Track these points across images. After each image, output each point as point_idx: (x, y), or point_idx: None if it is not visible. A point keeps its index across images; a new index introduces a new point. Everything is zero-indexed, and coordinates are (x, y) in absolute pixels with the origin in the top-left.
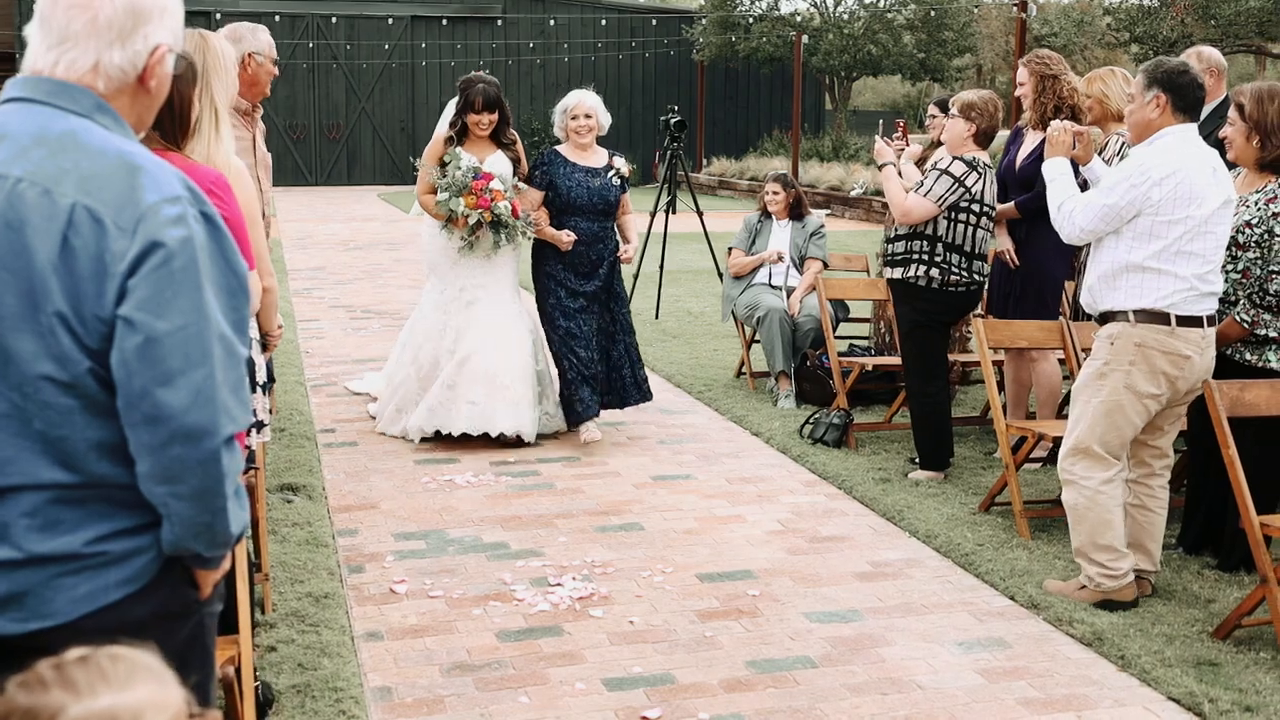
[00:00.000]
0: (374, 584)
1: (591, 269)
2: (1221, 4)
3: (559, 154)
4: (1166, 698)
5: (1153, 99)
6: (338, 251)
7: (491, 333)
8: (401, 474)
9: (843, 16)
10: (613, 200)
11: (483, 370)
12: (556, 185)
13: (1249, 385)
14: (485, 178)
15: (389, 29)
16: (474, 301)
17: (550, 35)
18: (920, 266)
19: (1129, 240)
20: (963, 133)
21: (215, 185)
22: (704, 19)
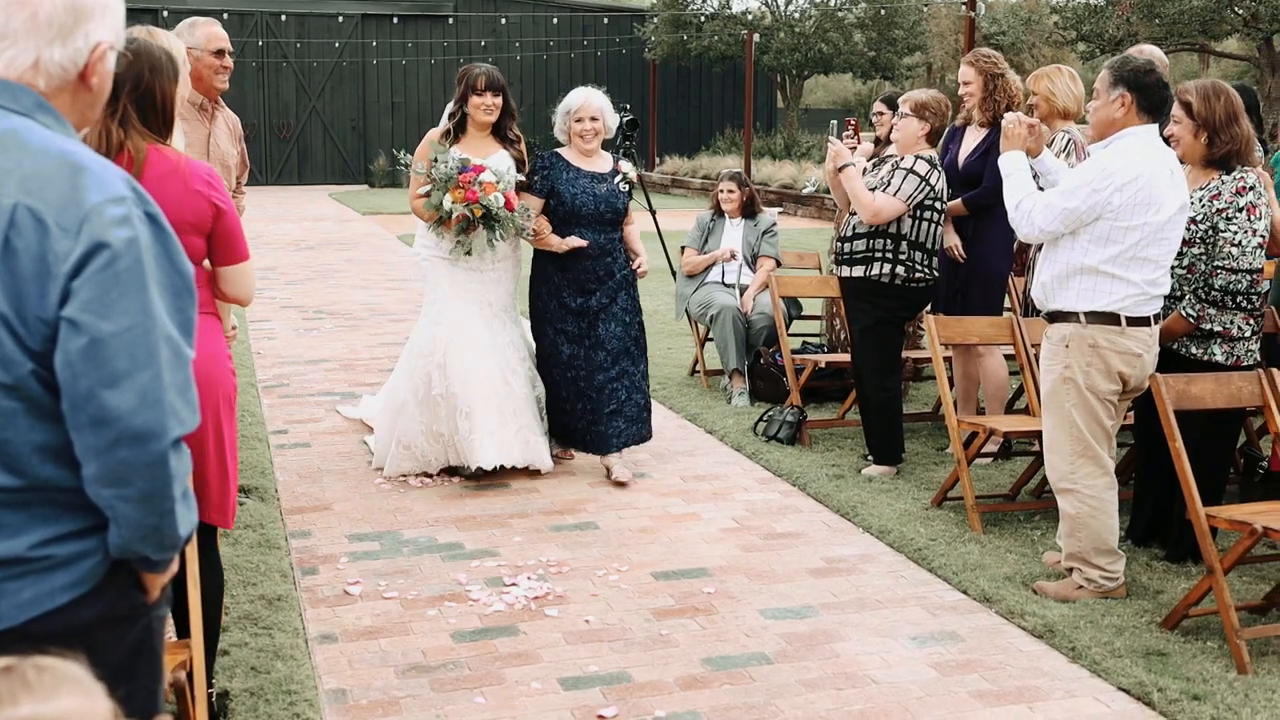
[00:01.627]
0: (328, 586)
1: (598, 284)
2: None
3: (560, 157)
4: (1116, 688)
5: (1118, 98)
6: (289, 251)
7: (492, 355)
8: (355, 475)
9: (794, 15)
10: (620, 208)
11: (494, 398)
12: (559, 192)
13: (1195, 379)
14: (475, 170)
15: (339, 26)
16: (471, 317)
17: (502, 33)
18: (884, 264)
19: (1085, 243)
20: (916, 132)
21: (211, 178)
22: (656, 17)
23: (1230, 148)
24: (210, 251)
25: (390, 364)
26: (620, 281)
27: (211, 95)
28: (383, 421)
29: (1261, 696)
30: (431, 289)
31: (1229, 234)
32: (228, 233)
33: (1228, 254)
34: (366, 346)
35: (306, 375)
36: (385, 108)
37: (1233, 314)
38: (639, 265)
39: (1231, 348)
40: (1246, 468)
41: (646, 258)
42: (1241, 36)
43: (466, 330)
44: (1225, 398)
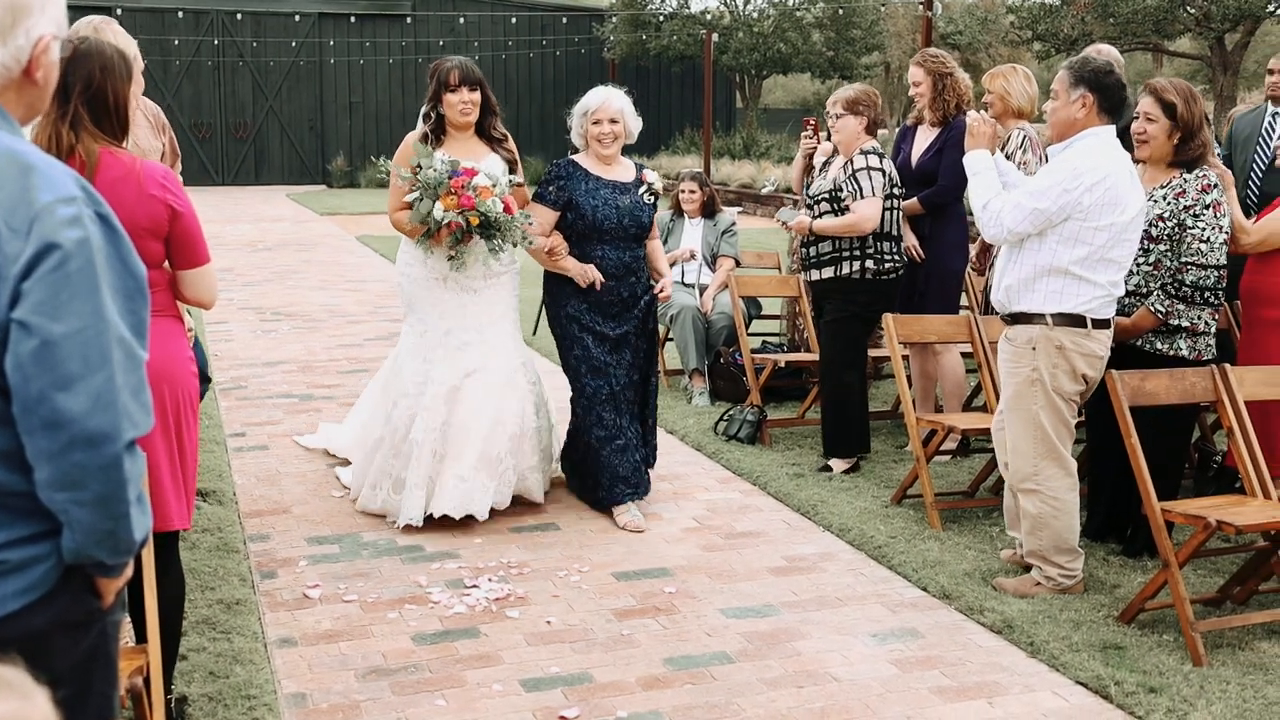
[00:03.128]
0: (287, 589)
1: (623, 309)
2: (1119, 2)
3: (578, 165)
4: (1074, 682)
5: (1079, 98)
6: (246, 253)
7: (490, 387)
8: (314, 478)
9: (752, 15)
10: (645, 222)
11: (475, 438)
12: (578, 204)
13: (1149, 375)
14: (467, 173)
15: (296, 26)
16: (464, 346)
17: (460, 33)
18: (854, 262)
19: (1053, 244)
20: (856, 129)
21: (167, 180)
22: (614, 17)
23: (1202, 150)
24: (169, 255)
25: (349, 365)
26: (645, 307)
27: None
28: (358, 456)
29: (1216, 688)
30: (418, 317)
31: (1197, 231)
32: (186, 235)
33: (1197, 250)
34: (325, 348)
35: (265, 377)
36: (343, 108)
37: (1200, 309)
38: (661, 288)
39: (1194, 342)
40: (1201, 462)
41: (671, 278)
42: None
43: (459, 367)
44: (1179, 393)
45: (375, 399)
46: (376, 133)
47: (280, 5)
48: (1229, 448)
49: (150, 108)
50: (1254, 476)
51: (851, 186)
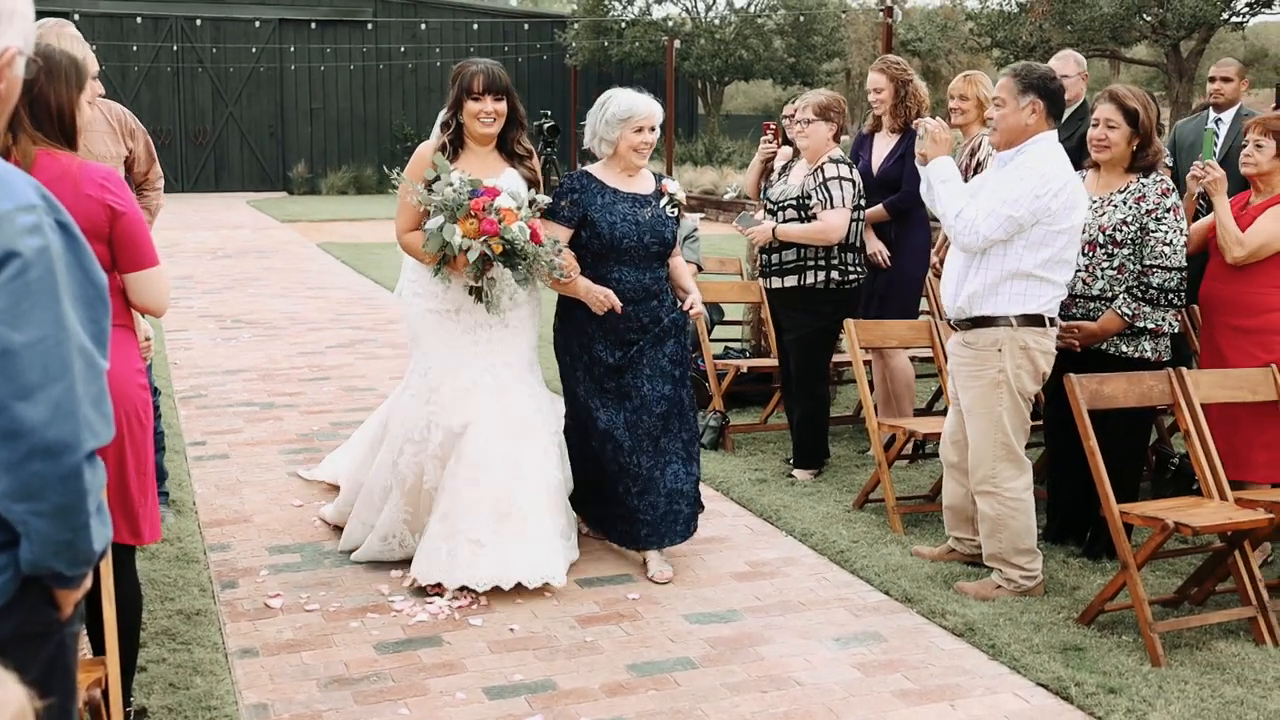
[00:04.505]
0: (248, 599)
1: (640, 333)
2: (1077, 9)
3: (593, 177)
4: (1035, 683)
5: (1029, 104)
6: (206, 260)
7: (503, 435)
8: (275, 486)
9: (714, 21)
10: (668, 238)
11: (491, 494)
12: (593, 220)
13: (1107, 379)
14: (488, 193)
15: (256, 32)
16: (474, 388)
17: (422, 39)
18: (819, 272)
19: (1019, 248)
20: (826, 135)
21: (107, 180)
22: (576, 24)
23: (1158, 156)
24: (113, 257)
25: (310, 373)
26: (668, 328)
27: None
28: (352, 500)
29: (1175, 688)
30: (424, 354)
31: (1160, 234)
32: (128, 237)
33: (1160, 253)
34: (286, 356)
35: (225, 385)
36: (304, 114)
37: (1165, 311)
38: (690, 306)
39: (1157, 343)
40: (1158, 465)
41: (699, 295)
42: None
43: (472, 412)
44: (1137, 397)
45: (374, 436)
46: (338, 139)
47: (240, 11)
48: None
49: (117, 113)
50: (1210, 478)
51: (822, 195)
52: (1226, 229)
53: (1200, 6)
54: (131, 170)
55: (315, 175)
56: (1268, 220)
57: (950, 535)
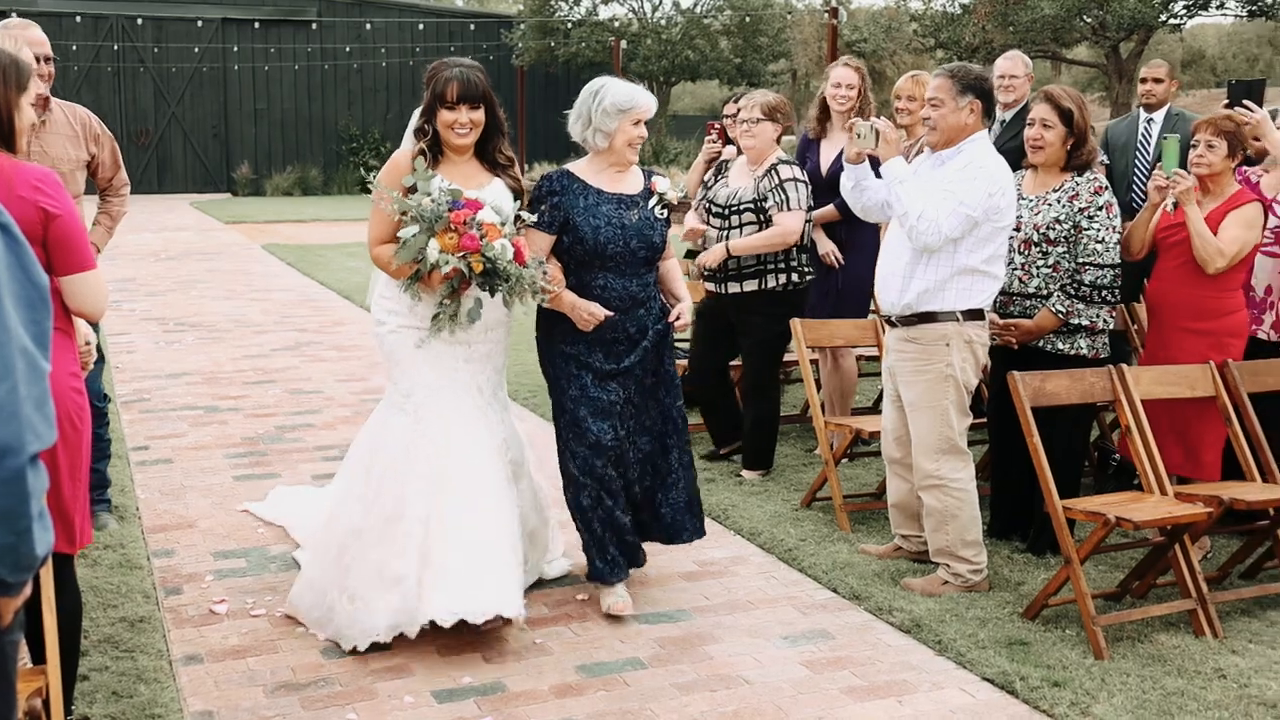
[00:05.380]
0: (193, 605)
1: (629, 346)
2: (1019, 11)
3: (574, 177)
4: (981, 678)
5: (968, 104)
6: (149, 262)
7: (480, 460)
8: (220, 491)
9: (660, 22)
10: (658, 242)
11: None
12: (575, 225)
13: (1050, 376)
14: (470, 205)
15: (199, 31)
16: (456, 408)
17: (367, 39)
18: (779, 275)
19: (968, 245)
20: (772, 135)
21: (42, 182)
22: (523, 24)
23: (1092, 155)
24: (48, 260)
25: (255, 376)
26: (655, 342)
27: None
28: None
29: (1117, 680)
30: (403, 374)
31: (1092, 231)
32: (63, 239)
33: (1093, 250)
34: (231, 359)
35: (168, 389)
36: (248, 115)
37: (1098, 308)
38: (676, 316)
39: (1093, 340)
40: (1100, 461)
41: (689, 304)
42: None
43: (459, 433)
44: (1079, 393)
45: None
46: (282, 140)
47: (182, 10)
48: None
49: (81, 116)
50: (1151, 473)
51: (779, 196)
52: (1207, 240)
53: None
54: (96, 175)
55: (260, 176)
56: (1236, 228)
57: (896, 533)
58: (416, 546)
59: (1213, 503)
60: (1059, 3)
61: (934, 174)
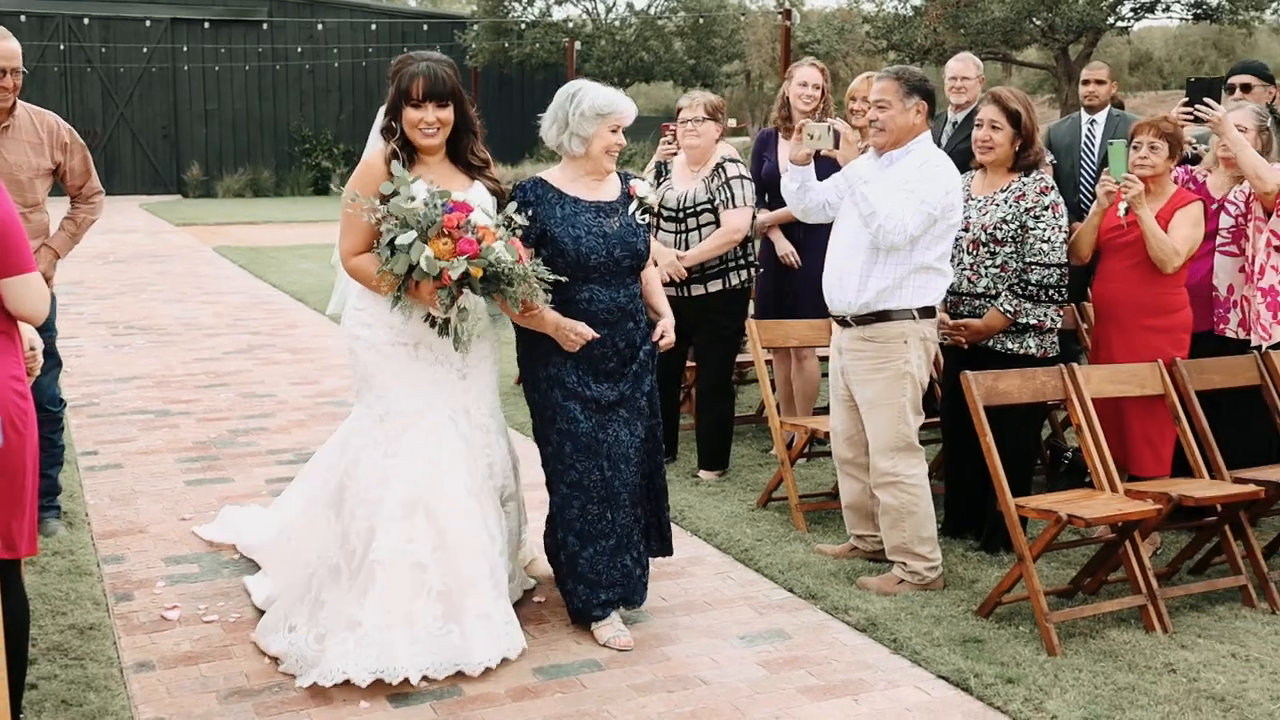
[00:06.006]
0: (144, 612)
1: (620, 364)
2: (970, 14)
3: (549, 185)
4: (936, 676)
5: (915, 105)
6: (97, 265)
7: (469, 491)
8: (171, 496)
9: (614, 23)
10: (641, 250)
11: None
12: (555, 237)
13: (1002, 375)
14: (461, 208)
15: (147, 31)
16: (439, 435)
17: (319, 39)
18: (740, 272)
19: (924, 243)
20: (715, 134)
21: None
22: (476, 25)
23: (1039, 156)
24: None
25: (207, 380)
26: (645, 362)
27: None
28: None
29: (1070, 676)
30: (377, 395)
31: (1038, 231)
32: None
33: (1039, 250)
34: (181, 363)
35: (117, 394)
36: (198, 115)
37: (1046, 307)
38: (661, 335)
39: (1042, 339)
40: (1052, 459)
41: (672, 321)
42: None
43: (441, 459)
44: (1031, 392)
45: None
46: (234, 141)
47: (130, 10)
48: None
49: (49, 123)
50: (1102, 471)
51: (725, 194)
52: (1163, 242)
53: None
54: (65, 182)
55: (211, 178)
56: (1186, 227)
57: (852, 534)
58: (380, 594)
59: (1162, 499)
60: (1009, 5)
61: (884, 174)
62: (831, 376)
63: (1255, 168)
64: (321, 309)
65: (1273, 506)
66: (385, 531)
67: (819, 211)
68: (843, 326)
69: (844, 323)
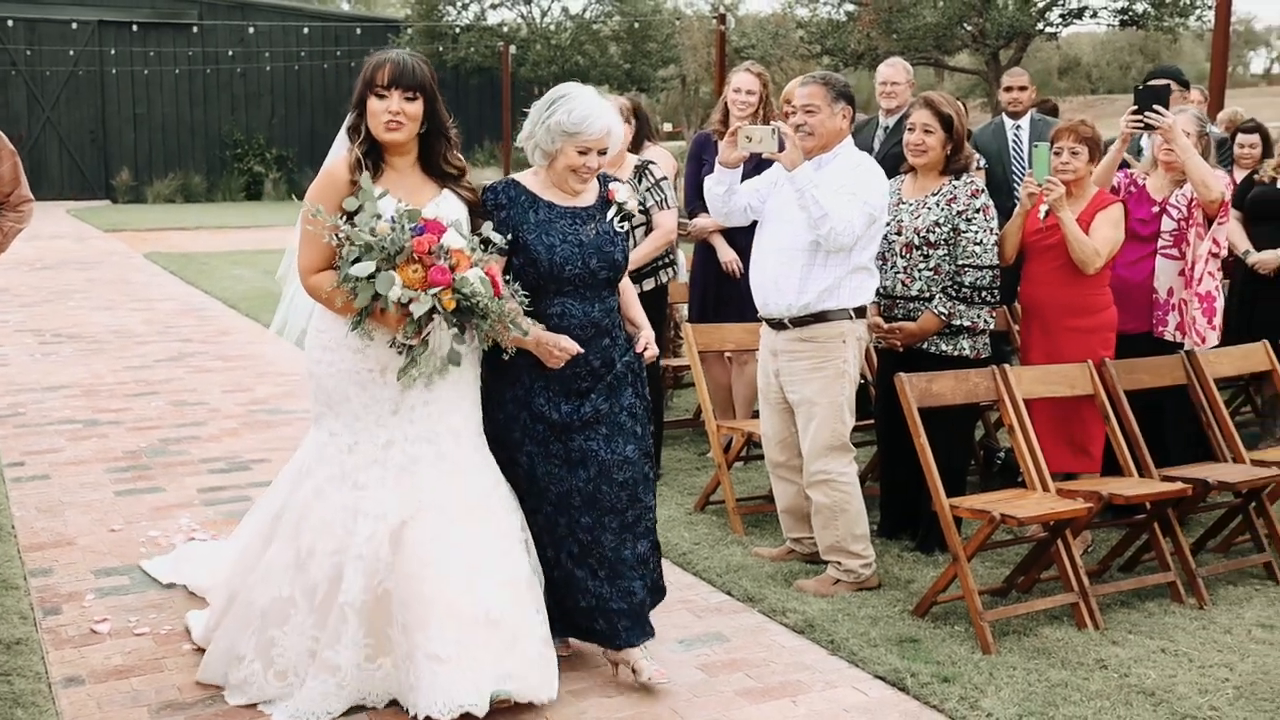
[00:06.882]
0: (72, 625)
1: (593, 381)
2: (902, 19)
3: (523, 188)
4: (873, 676)
5: (841, 110)
6: (22, 272)
7: (457, 522)
8: (100, 507)
9: (550, 27)
10: (620, 259)
11: (447, 597)
12: (527, 245)
13: (936, 377)
14: (432, 229)
15: (74, 34)
16: (414, 463)
17: (250, 43)
18: (668, 270)
19: (861, 243)
20: (629, 136)
21: None
22: (410, 29)
23: (969, 160)
24: None
25: (137, 389)
26: (622, 374)
27: None
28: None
29: (1004, 674)
30: (343, 424)
31: (971, 234)
32: None
33: (972, 252)
34: (111, 371)
35: (45, 403)
36: (127, 119)
37: (979, 309)
38: (644, 346)
39: (975, 341)
40: (985, 459)
41: (652, 333)
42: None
43: (408, 494)
44: (964, 394)
45: (269, 534)
46: (164, 146)
47: (56, 13)
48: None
49: None
50: (1033, 470)
51: (657, 195)
52: (1084, 243)
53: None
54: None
55: (140, 183)
56: (1106, 228)
57: (788, 537)
58: (354, 636)
59: (1092, 498)
60: (940, 11)
61: (826, 176)
62: (762, 381)
63: (1202, 176)
64: (255, 316)
65: (1200, 504)
66: (354, 570)
67: (740, 215)
68: (777, 329)
69: (780, 325)
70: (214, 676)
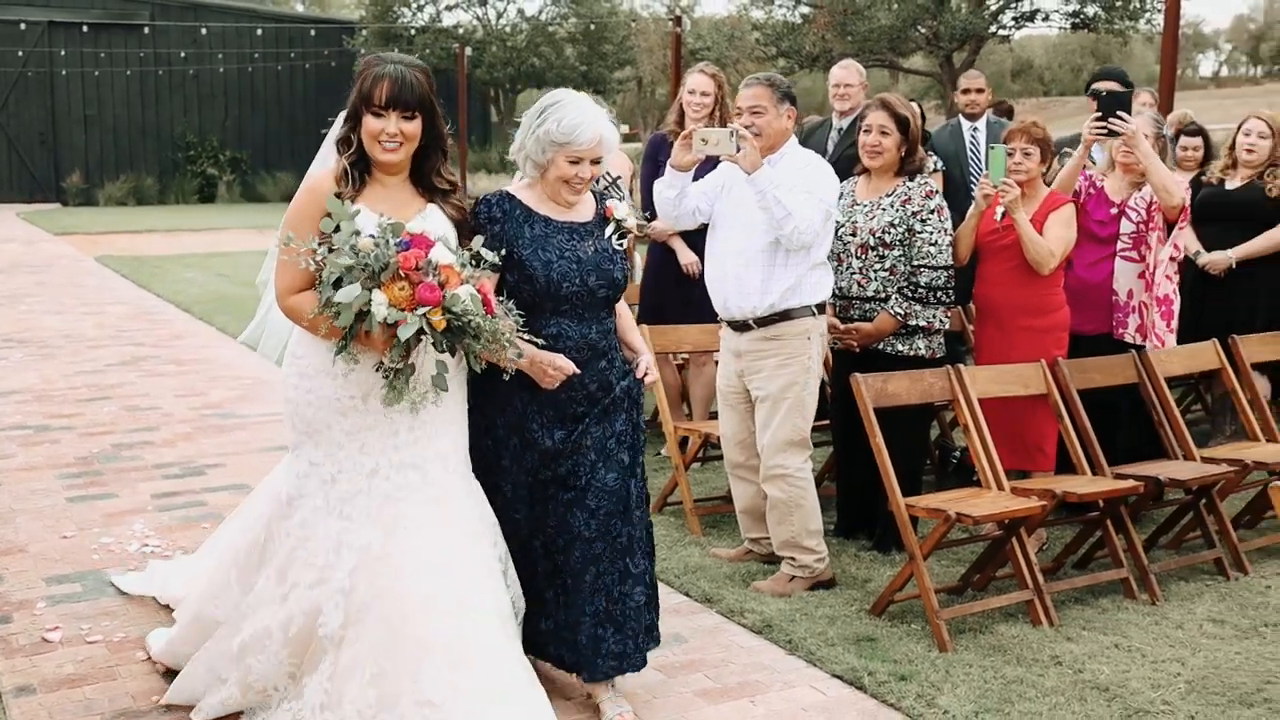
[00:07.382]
0: (23, 634)
1: (588, 406)
2: (857, 21)
3: (517, 201)
4: (831, 675)
5: (786, 111)
6: None
7: (445, 556)
8: (52, 514)
9: (505, 29)
10: (619, 278)
11: (438, 637)
12: (523, 261)
13: (891, 377)
14: (419, 243)
15: (22, 35)
16: (399, 491)
17: (203, 44)
18: None
19: (820, 241)
20: None
21: None
22: (365, 30)
23: (923, 162)
24: None
25: (89, 394)
26: (619, 399)
27: None
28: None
29: (960, 672)
30: (325, 453)
31: (926, 234)
32: None
33: (927, 253)
34: (63, 376)
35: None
36: (77, 121)
37: (934, 309)
38: (643, 371)
39: (930, 341)
40: (941, 458)
41: (652, 357)
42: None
43: (394, 524)
44: (919, 394)
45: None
46: (115, 148)
47: (4, 13)
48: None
49: None
50: (988, 469)
51: (616, 194)
52: (1039, 244)
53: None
54: None
55: (92, 185)
56: (1059, 228)
57: (746, 537)
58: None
59: (1046, 496)
60: (895, 13)
61: (780, 174)
62: (723, 382)
63: (1164, 182)
64: (208, 319)
65: (1153, 501)
66: (331, 607)
67: (689, 218)
68: (740, 331)
69: (744, 327)
70: (187, 698)
